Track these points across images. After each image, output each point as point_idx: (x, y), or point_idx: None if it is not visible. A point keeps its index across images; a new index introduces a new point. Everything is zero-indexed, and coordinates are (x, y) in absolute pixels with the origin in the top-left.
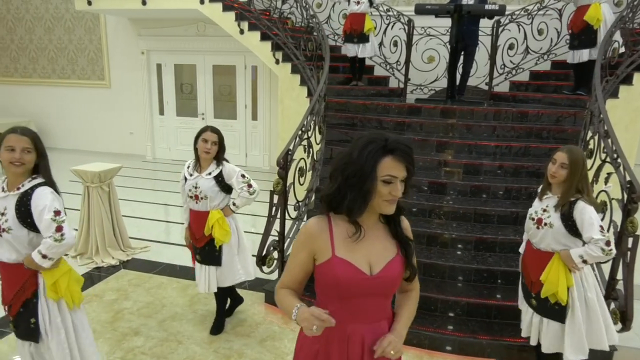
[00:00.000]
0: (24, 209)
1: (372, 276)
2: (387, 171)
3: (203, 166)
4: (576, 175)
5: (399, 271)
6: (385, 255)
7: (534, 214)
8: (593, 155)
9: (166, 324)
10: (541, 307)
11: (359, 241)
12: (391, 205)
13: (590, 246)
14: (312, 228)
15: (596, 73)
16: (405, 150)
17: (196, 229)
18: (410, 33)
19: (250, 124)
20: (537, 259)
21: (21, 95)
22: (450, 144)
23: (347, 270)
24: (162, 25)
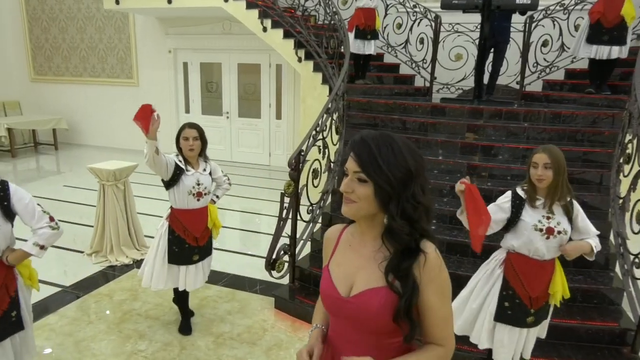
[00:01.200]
0: (6, 203)
1: (345, 298)
2: (347, 163)
3: (193, 163)
4: (561, 171)
5: (379, 304)
6: (369, 281)
7: (538, 224)
8: (631, 160)
9: (172, 328)
10: (538, 318)
11: (351, 257)
12: (344, 204)
13: (595, 239)
14: (327, 233)
15: (637, 71)
16: (356, 142)
17: (197, 227)
18: (437, 30)
19: (274, 123)
20: (541, 271)
21: (54, 93)
22: (476, 146)
23: (325, 284)
24: (189, 24)
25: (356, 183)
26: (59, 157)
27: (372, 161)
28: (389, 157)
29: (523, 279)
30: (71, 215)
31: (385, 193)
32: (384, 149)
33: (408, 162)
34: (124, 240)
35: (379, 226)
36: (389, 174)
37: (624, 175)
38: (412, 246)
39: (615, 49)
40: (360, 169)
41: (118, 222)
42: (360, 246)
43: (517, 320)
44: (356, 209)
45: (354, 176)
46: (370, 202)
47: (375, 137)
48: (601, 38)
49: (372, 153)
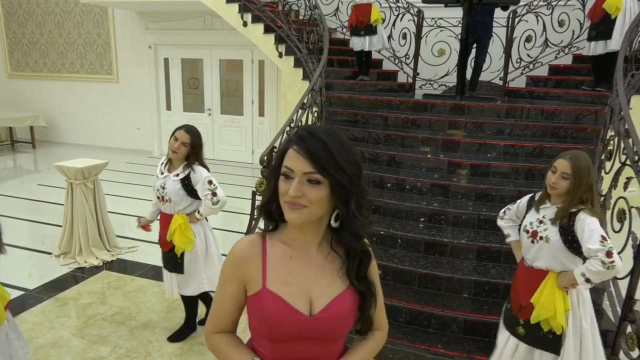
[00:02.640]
0: None
1: (312, 317)
2: (285, 162)
3: (174, 166)
4: (581, 186)
5: (348, 309)
6: (330, 290)
7: (528, 226)
8: (612, 156)
9: (137, 332)
10: (531, 336)
11: (299, 271)
12: (291, 210)
13: (590, 260)
14: (240, 251)
15: (618, 66)
16: (299, 138)
17: (162, 231)
18: (419, 24)
19: (257, 120)
20: (529, 278)
21: (31, 90)
22: (457, 142)
23: (279, 308)
24: (169, 19)
25: (306, 185)
26: (36, 155)
27: (329, 158)
28: (341, 151)
29: (518, 284)
30: (43, 215)
31: (344, 191)
32: (334, 143)
33: (356, 155)
34: (94, 241)
35: (324, 230)
36: (347, 170)
37: (605, 172)
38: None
39: (600, 44)
40: (315, 169)
41: (87, 222)
42: (304, 256)
43: (509, 324)
44: (307, 215)
45: (304, 178)
46: (323, 205)
47: (323, 131)
48: (590, 34)
49: (327, 149)
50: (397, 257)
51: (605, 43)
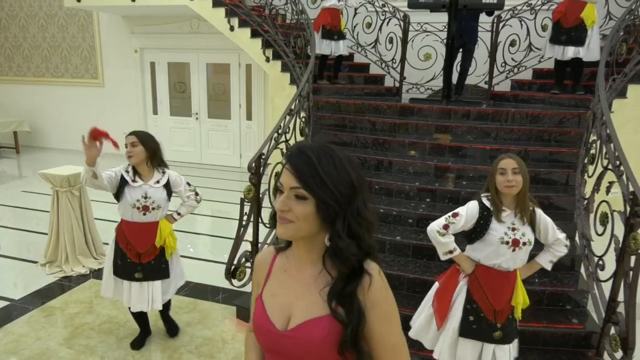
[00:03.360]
0: None
1: (282, 332)
2: (280, 177)
3: (143, 173)
4: (527, 178)
5: (321, 334)
6: (309, 311)
7: (505, 237)
8: (595, 160)
9: (125, 342)
10: (507, 334)
11: (287, 285)
12: (280, 224)
13: (554, 247)
14: (257, 259)
15: (600, 71)
16: (292, 155)
17: (142, 243)
18: (405, 29)
19: (245, 123)
20: (503, 283)
21: (15, 94)
22: (444, 147)
23: (260, 318)
24: (155, 23)
25: (293, 200)
26: (20, 160)
27: (314, 175)
28: (331, 170)
29: (488, 292)
30: (27, 222)
31: (329, 210)
32: (324, 161)
33: (351, 175)
34: (80, 249)
35: (318, 248)
36: (333, 188)
37: (588, 176)
38: (356, 267)
39: (571, 49)
40: (300, 184)
41: (73, 230)
42: (297, 272)
43: (482, 334)
44: (294, 230)
45: (291, 193)
46: (310, 222)
47: (314, 148)
48: (560, 38)
49: (312, 166)
50: (386, 262)
51: (577, 49)
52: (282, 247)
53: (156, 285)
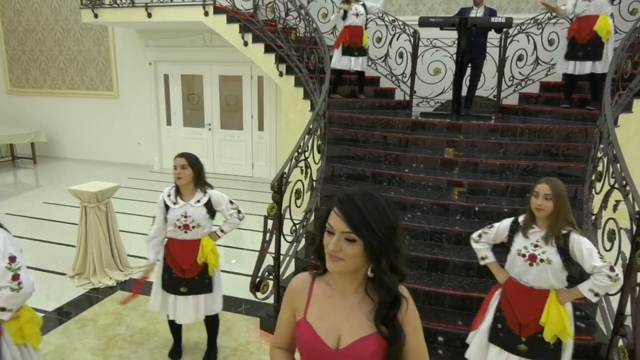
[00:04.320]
0: None
1: (336, 350)
2: (329, 219)
3: (185, 194)
4: (562, 205)
5: (370, 351)
6: (357, 331)
7: (523, 250)
8: (602, 178)
9: (157, 352)
10: (535, 351)
11: (333, 309)
12: (331, 261)
13: (596, 276)
14: (294, 284)
15: (606, 90)
16: (340, 201)
17: (185, 259)
18: (415, 44)
19: (257, 134)
20: (529, 299)
21: (32, 106)
22: (455, 162)
23: (310, 338)
24: (169, 36)
25: (344, 242)
26: (37, 171)
27: (363, 222)
28: (376, 215)
29: (513, 303)
30: (52, 234)
31: (375, 250)
32: (370, 207)
33: (391, 218)
34: (107, 261)
35: (360, 279)
36: (379, 233)
37: (596, 192)
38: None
39: (589, 64)
40: (350, 229)
41: (101, 243)
42: (340, 298)
43: (507, 344)
44: (344, 266)
45: (342, 236)
46: (358, 260)
47: (360, 195)
48: (576, 54)
49: (360, 212)
50: None
51: (592, 64)
52: (319, 272)
53: (200, 298)
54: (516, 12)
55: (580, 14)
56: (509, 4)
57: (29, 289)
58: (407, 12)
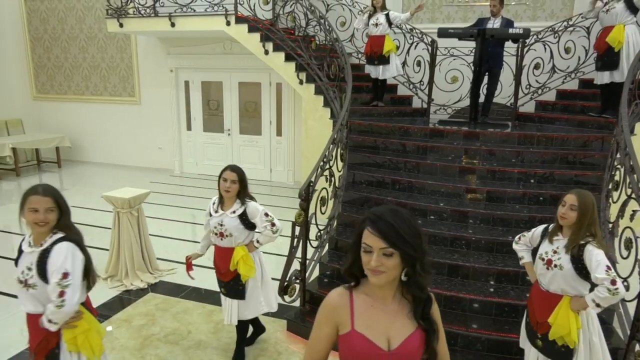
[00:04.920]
0: (44, 266)
1: (390, 352)
2: (364, 239)
3: (226, 204)
4: (586, 217)
5: (417, 345)
6: (403, 331)
7: (544, 255)
8: (619, 187)
9: (191, 352)
10: (547, 348)
11: (378, 316)
12: (374, 275)
13: (598, 288)
14: (333, 301)
15: (623, 101)
16: (372, 220)
17: (221, 264)
18: (433, 53)
19: (275, 139)
20: (545, 300)
21: (56, 112)
22: (473, 170)
23: (365, 346)
24: (190, 44)
25: (383, 257)
26: (62, 175)
27: (397, 236)
28: (405, 228)
29: (534, 301)
30: None
31: (411, 258)
32: (400, 222)
33: (417, 227)
34: (139, 264)
35: (396, 284)
36: (411, 242)
37: (613, 201)
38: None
39: (606, 74)
40: (387, 244)
41: (132, 247)
42: (383, 305)
43: (530, 336)
44: (386, 278)
45: (380, 252)
46: (397, 269)
47: (389, 213)
48: (597, 64)
49: (394, 228)
50: None
51: (610, 73)
52: (352, 285)
53: (233, 303)
54: (533, 20)
55: (602, 22)
56: (525, 12)
57: (69, 309)
58: (424, 20)
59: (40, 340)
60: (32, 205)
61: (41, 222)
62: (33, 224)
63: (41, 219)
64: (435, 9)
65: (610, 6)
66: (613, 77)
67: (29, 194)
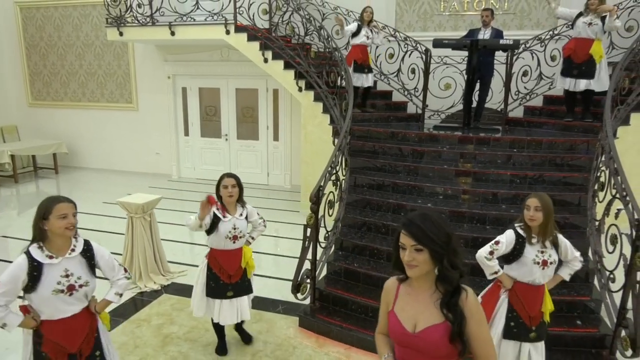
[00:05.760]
0: (92, 262)
1: (414, 334)
2: (400, 239)
3: (230, 209)
4: (550, 214)
5: (439, 337)
6: (430, 319)
7: (536, 259)
8: (604, 188)
9: (210, 349)
10: (540, 333)
11: (411, 303)
12: (409, 269)
13: (572, 263)
14: (387, 286)
15: (607, 107)
16: (405, 224)
17: (231, 266)
18: (427, 62)
19: (272, 144)
20: (534, 295)
21: (52, 118)
22: (468, 172)
23: (396, 325)
24: (188, 51)
25: (414, 252)
26: (59, 181)
27: (425, 236)
28: (433, 229)
29: (525, 302)
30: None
31: (438, 254)
32: (428, 224)
33: (445, 229)
34: (151, 267)
35: (431, 277)
36: (438, 241)
37: (599, 201)
38: (456, 286)
39: (583, 82)
40: (417, 243)
41: (146, 250)
42: (416, 294)
43: (521, 336)
44: (419, 271)
45: (412, 248)
46: (427, 263)
47: (419, 217)
48: (572, 72)
49: (422, 229)
50: None
51: (588, 82)
52: (402, 278)
53: (244, 300)
54: (520, 29)
55: (577, 35)
56: (512, 21)
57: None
58: (417, 28)
59: (86, 334)
60: (61, 212)
61: (71, 226)
62: (64, 229)
63: (73, 222)
64: (427, 17)
65: (593, 22)
66: (590, 86)
67: (54, 202)
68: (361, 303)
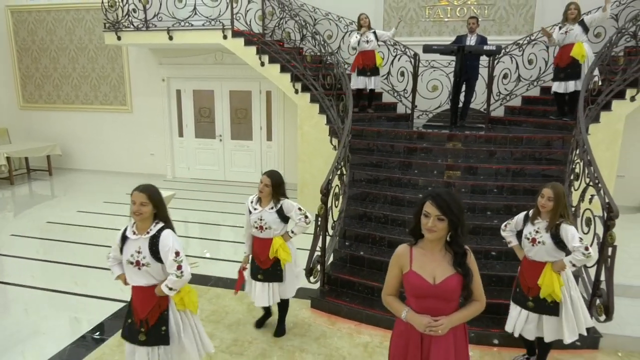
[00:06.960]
0: (155, 248)
1: (434, 285)
2: (425, 209)
3: (264, 202)
4: (560, 205)
5: (455, 284)
6: (444, 273)
7: (528, 235)
8: (579, 178)
9: (234, 328)
10: (538, 307)
11: (428, 261)
12: (429, 232)
13: (574, 253)
14: (399, 251)
15: (580, 107)
16: (433, 196)
17: (261, 253)
18: (416, 66)
19: (265, 144)
20: (533, 269)
21: (45, 120)
22: (458, 167)
23: (418, 279)
24: (182, 55)
25: (437, 221)
26: (53, 182)
27: (448, 208)
28: (454, 204)
29: (524, 272)
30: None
31: (455, 224)
32: (450, 199)
33: (460, 204)
34: None
35: (443, 241)
36: (457, 212)
37: (574, 189)
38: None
39: (571, 83)
40: (441, 213)
41: None
42: (431, 254)
43: (520, 301)
44: (438, 235)
45: (436, 217)
46: (445, 230)
47: (445, 193)
48: (559, 76)
49: (447, 203)
50: None
51: (575, 83)
52: (413, 242)
53: (274, 286)
54: (499, 35)
55: (561, 43)
56: (492, 27)
57: (187, 276)
58: (403, 34)
59: (152, 307)
60: (132, 198)
61: (136, 212)
62: (132, 213)
63: (134, 209)
64: (413, 23)
65: (569, 29)
66: (577, 86)
67: (134, 190)
68: (367, 284)
